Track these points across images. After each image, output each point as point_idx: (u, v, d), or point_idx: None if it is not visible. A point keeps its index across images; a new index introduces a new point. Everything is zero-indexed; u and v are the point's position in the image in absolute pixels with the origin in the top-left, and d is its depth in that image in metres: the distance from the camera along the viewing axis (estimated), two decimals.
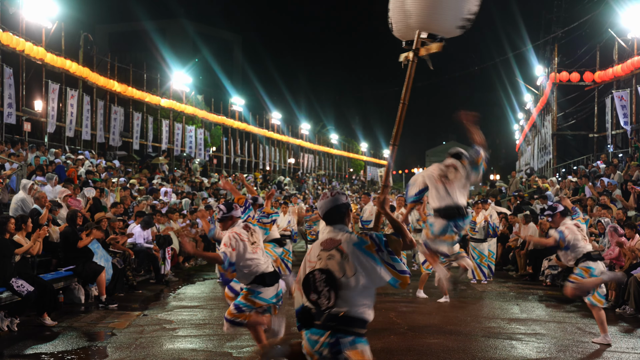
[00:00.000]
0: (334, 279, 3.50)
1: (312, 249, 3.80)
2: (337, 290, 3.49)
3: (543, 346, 7.79)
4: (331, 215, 3.81)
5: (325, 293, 3.49)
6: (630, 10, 22.09)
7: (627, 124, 23.03)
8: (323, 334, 3.52)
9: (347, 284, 3.52)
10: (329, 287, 3.49)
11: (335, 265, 3.56)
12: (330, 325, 3.51)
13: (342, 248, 3.60)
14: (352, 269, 3.54)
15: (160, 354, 7.19)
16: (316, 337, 3.54)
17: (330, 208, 3.81)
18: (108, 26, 58.00)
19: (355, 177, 68.09)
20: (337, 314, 3.50)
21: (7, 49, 20.22)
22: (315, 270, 3.56)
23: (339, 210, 3.81)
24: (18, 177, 13.83)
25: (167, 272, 13.29)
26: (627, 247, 10.39)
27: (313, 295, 3.54)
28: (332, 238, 3.69)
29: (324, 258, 3.61)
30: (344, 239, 3.65)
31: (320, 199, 3.91)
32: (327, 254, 3.62)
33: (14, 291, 8.27)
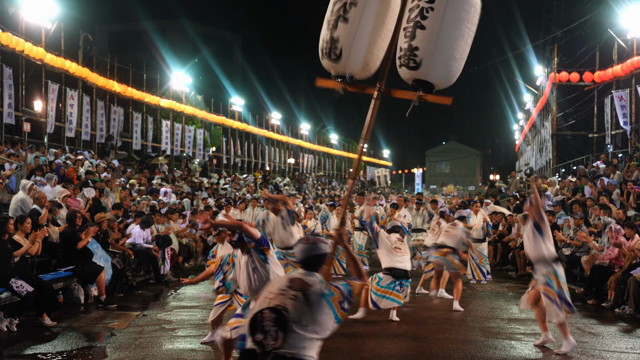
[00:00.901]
0: (285, 320, 3.38)
1: (276, 282, 3.70)
2: (286, 331, 3.37)
3: (542, 346, 7.79)
4: (309, 262, 3.75)
5: (273, 333, 3.36)
6: (629, 11, 22.08)
7: (626, 124, 23.02)
8: None
9: (300, 329, 3.43)
10: (278, 328, 3.37)
11: (295, 307, 3.45)
12: None
13: (309, 294, 3.52)
14: (312, 317, 3.47)
15: (160, 354, 7.19)
16: None
17: (310, 256, 3.76)
18: (108, 26, 58.01)
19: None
20: (284, 355, 3.37)
21: (7, 49, 20.21)
22: (266, 309, 3.42)
23: (317, 259, 3.77)
24: (17, 177, 13.83)
25: (166, 272, 13.28)
26: (626, 247, 10.39)
27: (258, 336, 3.39)
28: (303, 280, 3.60)
29: (286, 295, 3.50)
30: (315, 286, 3.57)
31: (301, 242, 3.83)
32: (292, 293, 3.51)
33: (14, 291, 8.27)
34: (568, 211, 15.51)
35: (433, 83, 4.54)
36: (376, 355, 7.23)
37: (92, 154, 23.65)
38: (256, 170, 43.27)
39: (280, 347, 3.37)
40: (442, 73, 4.49)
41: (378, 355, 7.23)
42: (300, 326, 3.43)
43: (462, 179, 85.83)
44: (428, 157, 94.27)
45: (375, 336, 8.16)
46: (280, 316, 3.39)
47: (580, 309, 10.42)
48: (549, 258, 7.45)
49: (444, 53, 4.42)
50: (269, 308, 3.42)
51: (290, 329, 3.39)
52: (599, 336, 8.36)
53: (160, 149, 31.27)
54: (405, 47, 4.47)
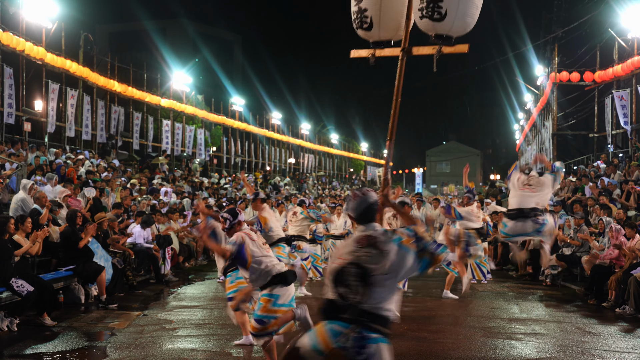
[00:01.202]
0: (366, 275, 3.49)
1: (344, 245, 3.75)
2: (368, 285, 3.47)
3: (543, 346, 7.80)
4: (365, 216, 3.79)
5: (355, 287, 3.48)
6: (630, 10, 22.07)
7: (627, 123, 23.03)
8: (348, 327, 3.47)
9: (380, 281, 3.50)
10: (360, 282, 3.48)
11: (371, 261, 3.52)
12: (359, 319, 3.47)
13: (380, 245, 3.57)
14: (388, 266, 3.53)
15: (160, 354, 7.19)
16: (340, 329, 3.49)
17: (364, 208, 3.79)
18: (108, 26, 58.00)
19: (355, 177, 68.08)
20: (366, 309, 3.47)
21: (7, 49, 20.21)
22: (349, 263, 3.53)
23: (371, 208, 3.80)
24: (18, 177, 13.83)
25: (167, 272, 13.28)
26: (627, 247, 10.39)
27: (341, 289, 3.52)
28: (368, 235, 3.66)
29: (359, 254, 3.57)
30: (381, 236, 3.63)
31: (351, 199, 3.87)
32: (362, 250, 3.57)
33: (14, 291, 8.27)
34: (568, 211, 15.52)
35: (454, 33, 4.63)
36: None
37: (92, 153, 23.66)
38: (257, 170, 43.26)
39: (362, 302, 3.46)
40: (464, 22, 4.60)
41: None
42: (380, 279, 3.50)
43: (462, 179, 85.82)
44: (428, 157, 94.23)
45: None
46: (364, 271, 3.48)
47: (580, 309, 10.44)
48: None
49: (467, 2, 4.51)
50: (353, 262, 3.51)
51: (372, 284, 3.47)
52: (599, 336, 8.36)
53: (161, 149, 31.28)
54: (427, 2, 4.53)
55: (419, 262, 3.60)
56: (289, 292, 6.01)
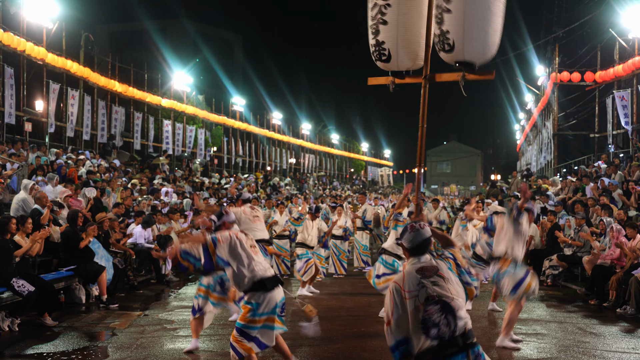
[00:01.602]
0: (447, 304, 3.61)
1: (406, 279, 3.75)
2: (453, 313, 3.60)
3: (544, 346, 7.79)
4: (421, 247, 3.91)
5: (444, 321, 3.57)
6: (631, 10, 22.07)
7: (628, 124, 23.02)
8: (465, 355, 3.59)
9: (456, 302, 3.66)
10: (446, 313, 3.58)
11: (443, 290, 3.65)
12: (467, 343, 3.61)
13: (442, 274, 3.73)
14: (456, 290, 3.71)
15: (161, 354, 7.19)
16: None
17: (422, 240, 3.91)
18: (109, 26, 57.99)
19: (355, 177, 68.08)
20: (464, 331, 3.61)
21: (8, 49, 20.23)
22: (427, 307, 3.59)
23: (427, 242, 3.94)
24: (19, 177, 13.83)
25: (167, 272, 13.28)
26: (628, 247, 10.38)
27: (433, 331, 3.57)
28: (427, 266, 3.78)
29: (428, 285, 3.66)
30: (439, 265, 3.80)
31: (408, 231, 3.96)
32: (429, 280, 3.68)
33: (15, 291, 8.28)
34: (569, 211, 15.51)
35: (472, 61, 4.73)
36: (377, 355, 7.22)
37: (93, 153, 23.66)
38: (257, 170, 43.26)
39: (456, 328, 3.59)
40: (478, 50, 4.68)
41: (379, 356, 7.23)
42: (455, 301, 3.65)
43: (463, 179, 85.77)
44: (429, 157, 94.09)
45: (377, 337, 8.16)
46: (443, 303, 3.60)
47: (581, 309, 10.43)
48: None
49: (474, 31, 4.58)
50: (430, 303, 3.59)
51: (455, 309, 3.63)
52: (600, 336, 8.35)
53: (162, 149, 31.29)
54: (438, 33, 4.67)
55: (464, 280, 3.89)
56: (272, 297, 5.71)
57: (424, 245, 3.91)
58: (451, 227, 20.75)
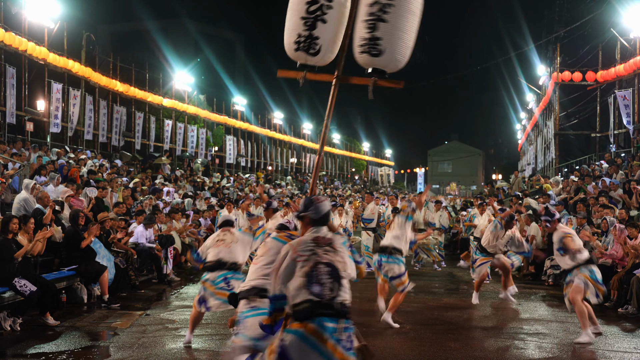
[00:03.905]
0: (338, 272, 3.88)
1: (299, 242, 4.05)
2: (340, 282, 3.86)
3: (545, 346, 7.79)
4: (322, 220, 4.19)
5: (329, 284, 3.82)
6: (632, 10, 22.06)
7: (629, 123, 23.02)
8: (337, 320, 3.81)
9: (346, 274, 3.95)
10: (333, 279, 3.83)
11: (334, 260, 3.92)
12: (343, 311, 3.84)
13: (334, 246, 4.00)
14: (345, 264, 3.97)
15: (163, 354, 7.20)
16: (332, 324, 3.80)
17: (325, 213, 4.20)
18: (110, 26, 58.02)
19: (357, 177, 68.11)
20: (342, 301, 3.85)
21: (10, 49, 20.25)
22: (319, 264, 3.86)
23: (328, 215, 4.24)
24: (20, 177, 13.84)
25: (169, 272, 13.28)
26: (629, 246, 10.38)
27: (316, 288, 3.81)
28: (322, 236, 4.06)
29: (320, 253, 3.92)
30: (333, 238, 4.08)
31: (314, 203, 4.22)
32: (322, 249, 3.95)
33: (17, 291, 8.29)
34: (571, 211, 15.50)
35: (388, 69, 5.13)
36: (378, 354, 7.22)
37: (94, 153, 23.69)
38: (259, 170, 43.26)
39: (336, 297, 3.83)
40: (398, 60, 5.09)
41: (381, 355, 7.23)
42: (344, 275, 3.94)
43: (464, 179, 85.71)
44: (430, 157, 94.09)
45: (378, 336, 8.17)
46: (334, 269, 3.87)
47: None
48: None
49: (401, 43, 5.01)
50: (323, 262, 3.87)
51: (342, 278, 3.89)
52: (602, 336, 8.34)
53: (163, 149, 31.30)
54: (367, 37, 5.00)
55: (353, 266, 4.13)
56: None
57: (325, 217, 4.19)
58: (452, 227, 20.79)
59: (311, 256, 3.92)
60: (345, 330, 3.84)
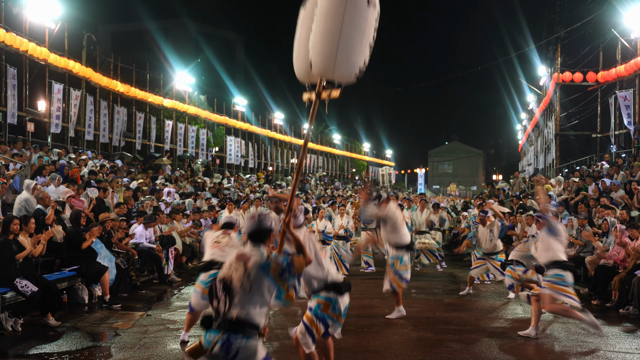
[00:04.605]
0: (230, 288, 3.97)
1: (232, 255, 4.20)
2: (232, 296, 3.96)
3: (547, 346, 7.79)
4: (254, 236, 4.29)
5: (223, 299, 3.96)
6: (633, 11, 22.08)
7: (630, 123, 23.02)
8: (218, 333, 3.97)
9: (245, 296, 4.00)
10: (226, 294, 3.97)
11: (237, 277, 4.00)
12: (224, 326, 3.96)
13: (248, 266, 4.05)
14: (249, 284, 4.01)
15: (164, 354, 7.20)
16: (212, 337, 3.98)
17: (255, 230, 4.29)
18: (111, 26, 58.08)
19: (357, 178, 68.08)
20: (231, 318, 3.96)
21: (11, 49, 20.26)
22: (217, 280, 4.04)
23: (262, 233, 4.30)
24: (21, 177, 13.85)
25: (170, 272, 13.29)
26: (630, 247, 10.37)
27: (215, 302, 4.01)
28: (244, 253, 4.16)
29: (231, 268, 4.05)
30: (254, 258, 4.11)
31: (249, 218, 4.38)
32: (235, 265, 4.06)
33: (18, 291, 8.29)
34: (572, 211, 15.50)
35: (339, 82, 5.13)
36: (379, 354, 7.23)
37: (94, 154, 23.70)
38: (259, 171, 43.26)
39: (229, 311, 3.96)
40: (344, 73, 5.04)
41: (382, 355, 7.23)
42: (245, 293, 4.00)
43: (464, 179, 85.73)
44: (431, 157, 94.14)
45: (379, 335, 8.17)
46: (227, 285, 3.98)
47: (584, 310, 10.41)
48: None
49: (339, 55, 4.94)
50: (220, 279, 4.03)
51: (235, 295, 3.98)
52: (603, 337, 8.33)
53: (164, 149, 31.31)
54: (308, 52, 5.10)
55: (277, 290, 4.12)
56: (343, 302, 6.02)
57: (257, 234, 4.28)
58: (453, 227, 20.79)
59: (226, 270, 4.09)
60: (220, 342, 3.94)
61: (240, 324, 3.96)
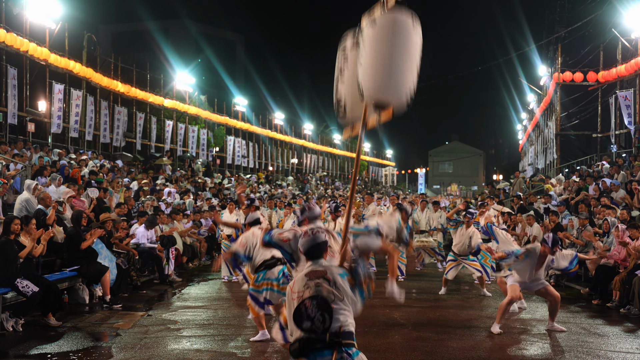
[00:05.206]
0: (326, 302, 3.77)
1: (296, 282, 4.03)
2: (330, 311, 3.73)
3: (548, 346, 7.79)
4: (313, 252, 4.16)
5: (319, 317, 3.71)
6: (633, 10, 22.07)
7: (630, 123, 23.02)
8: (332, 352, 3.74)
9: (338, 305, 3.84)
10: (322, 310, 3.72)
11: (325, 290, 3.85)
12: (336, 341, 3.75)
13: (328, 277, 3.93)
14: (340, 293, 3.89)
15: (165, 354, 7.20)
16: (326, 358, 3.75)
17: (312, 246, 4.16)
18: (111, 26, 58.04)
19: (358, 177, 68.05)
20: (337, 330, 3.77)
21: (11, 50, 20.26)
22: (305, 299, 3.79)
23: (319, 247, 4.17)
24: (22, 177, 13.85)
25: (170, 273, 13.29)
26: (631, 247, 10.37)
27: (306, 323, 3.73)
28: (316, 269, 4.02)
29: (312, 287, 3.88)
30: (329, 269, 4.01)
31: (302, 236, 4.25)
32: (314, 282, 3.90)
33: (19, 291, 8.29)
34: (572, 211, 15.49)
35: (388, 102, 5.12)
36: (380, 354, 7.23)
37: (95, 154, 23.70)
38: (260, 171, 43.26)
39: (330, 326, 3.72)
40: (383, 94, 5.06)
41: (383, 355, 7.23)
42: (337, 303, 3.84)
43: (465, 179, 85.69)
44: (431, 157, 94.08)
45: (379, 335, 8.17)
46: (322, 299, 3.76)
47: (585, 309, 10.43)
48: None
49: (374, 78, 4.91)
50: (309, 297, 3.78)
51: (332, 309, 3.76)
52: (604, 336, 8.34)
53: (164, 149, 31.31)
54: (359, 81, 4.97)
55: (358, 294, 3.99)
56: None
57: (315, 250, 4.14)
58: None
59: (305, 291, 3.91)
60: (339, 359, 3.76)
61: (347, 335, 3.82)
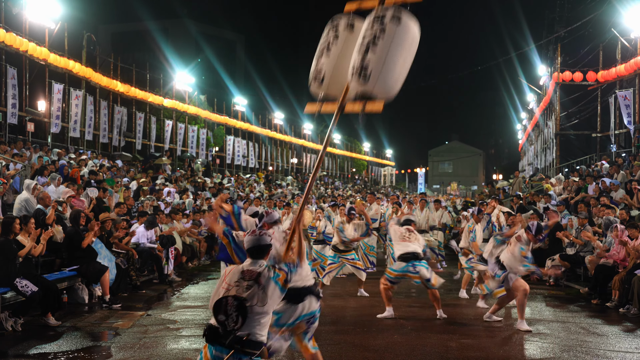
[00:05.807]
0: (244, 307, 3.91)
1: (232, 273, 4.19)
2: (245, 316, 3.90)
3: (547, 346, 7.79)
4: (255, 252, 4.29)
5: (234, 317, 3.88)
6: (633, 10, 22.07)
7: (630, 123, 23.02)
8: (227, 352, 3.95)
9: (256, 312, 4.00)
10: (239, 313, 3.89)
11: (251, 294, 4.02)
12: (235, 346, 3.93)
13: (260, 280, 4.09)
14: (264, 299, 4.05)
15: (164, 354, 7.20)
16: (220, 355, 3.97)
17: (255, 245, 4.30)
18: (111, 26, 58.02)
19: (358, 177, 68.07)
20: (241, 337, 3.93)
21: (11, 50, 20.26)
22: (229, 296, 3.95)
23: (261, 249, 4.31)
24: (21, 177, 13.85)
25: (170, 272, 13.30)
26: (630, 246, 10.37)
27: (221, 317, 3.91)
28: (252, 270, 4.17)
29: (242, 287, 4.06)
30: (263, 273, 4.14)
31: (248, 233, 4.40)
32: (245, 283, 4.08)
33: (18, 291, 8.29)
34: (572, 211, 15.49)
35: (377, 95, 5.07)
36: (379, 354, 7.23)
37: (95, 154, 23.69)
38: (259, 171, 43.25)
39: (239, 329, 3.90)
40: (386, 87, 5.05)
41: (382, 355, 7.23)
42: (257, 309, 4.01)
43: (465, 179, 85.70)
44: (431, 157, 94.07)
45: (380, 336, 8.17)
46: (242, 304, 3.91)
47: (584, 309, 10.42)
48: None
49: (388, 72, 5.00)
50: (233, 296, 3.95)
51: (248, 314, 3.93)
52: (603, 336, 8.35)
53: (164, 149, 31.31)
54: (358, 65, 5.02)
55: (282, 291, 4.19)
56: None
57: (257, 250, 4.28)
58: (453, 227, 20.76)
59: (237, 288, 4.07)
60: None
61: (249, 344, 3.96)
